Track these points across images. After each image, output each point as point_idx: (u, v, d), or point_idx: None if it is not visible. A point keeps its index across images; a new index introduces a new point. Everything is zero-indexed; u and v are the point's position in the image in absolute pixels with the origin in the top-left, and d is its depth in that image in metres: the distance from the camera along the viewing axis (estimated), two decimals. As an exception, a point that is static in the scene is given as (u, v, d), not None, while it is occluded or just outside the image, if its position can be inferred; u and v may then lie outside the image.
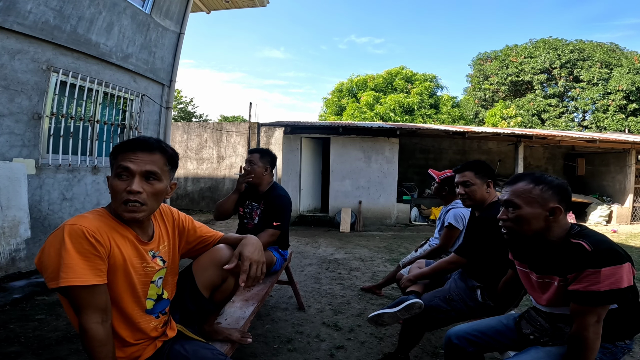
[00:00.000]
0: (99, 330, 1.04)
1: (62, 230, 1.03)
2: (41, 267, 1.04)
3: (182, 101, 21.13)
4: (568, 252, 1.31)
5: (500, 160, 10.41)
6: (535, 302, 1.53)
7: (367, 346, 2.54)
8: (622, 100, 16.95)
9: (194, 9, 6.83)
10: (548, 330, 1.43)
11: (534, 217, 1.37)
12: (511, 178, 1.49)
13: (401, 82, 19.29)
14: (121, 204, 1.13)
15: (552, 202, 1.36)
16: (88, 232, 1.05)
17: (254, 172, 2.64)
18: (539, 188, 1.38)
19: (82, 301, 1.03)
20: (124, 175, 1.13)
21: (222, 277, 1.37)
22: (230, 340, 1.52)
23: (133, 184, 1.12)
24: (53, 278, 1.00)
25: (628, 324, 1.38)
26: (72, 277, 1.00)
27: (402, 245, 6.31)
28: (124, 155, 1.15)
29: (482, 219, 2.04)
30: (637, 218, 9.33)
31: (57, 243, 1.02)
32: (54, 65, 4.02)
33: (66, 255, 1.00)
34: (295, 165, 8.65)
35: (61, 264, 1.00)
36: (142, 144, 1.17)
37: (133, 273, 1.15)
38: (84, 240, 1.04)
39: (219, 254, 1.37)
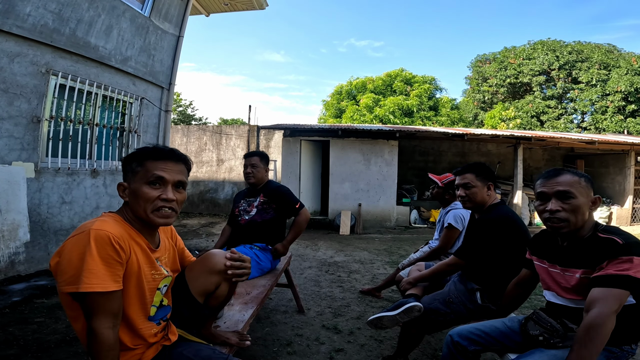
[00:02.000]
0: (109, 335, 1.04)
1: (87, 234, 1.03)
2: (58, 270, 1.03)
3: (182, 104, 21.16)
4: (598, 246, 1.35)
5: (499, 162, 10.41)
6: (551, 297, 1.53)
7: (367, 349, 2.53)
8: (620, 102, 16.99)
9: (193, 12, 6.85)
10: (559, 331, 1.43)
11: (584, 207, 1.42)
12: (547, 173, 1.51)
13: (400, 85, 19.32)
14: (153, 211, 1.18)
15: (592, 193, 1.44)
16: (113, 239, 1.06)
17: (258, 174, 2.77)
18: (583, 180, 1.44)
19: (98, 306, 1.03)
20: (157, 184, 1.18)
21: (215, 283, 1.37)
22: (228, 344, 1.51)
23: (168, 192, 1.19)
24: (71, 282, 1.00)
25: (637, 327, 1.38)
26: (94, 282, 1.01)
27: (401, 247, 6.30)
28: (155, 164, 1.19)
29: (482, 221, 2.03)
30: (637, 219, 9.33)
31: (81, 247, 1.02)
32: (53, 68, 4.02)
33: (91, 260, 1.01)
34: (295, 168, 8.65)
35: (83, 269, 1.00)
36: (171, 154, 1.23)
37: (144, 280, 1.17)
38: (109, 246, 1.05)
39: (212, 261, 1.37)
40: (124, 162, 1.23)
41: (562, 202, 1.41)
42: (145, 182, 1.17)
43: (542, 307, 1.59)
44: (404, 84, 19.44)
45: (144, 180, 1.17)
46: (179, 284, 1.38)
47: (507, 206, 2.12)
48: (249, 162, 2.78)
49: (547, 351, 1.43)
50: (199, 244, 6.17)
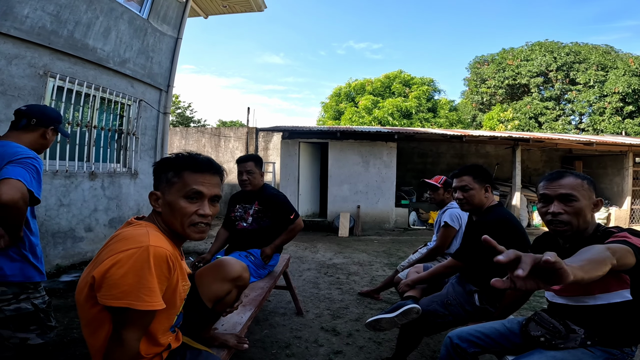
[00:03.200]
0: (136, 346, 1.04)
1: (146, 251, 1.01)
2: (105, 283, 0.99)
3: (180, 106, 21.15)
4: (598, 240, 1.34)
5: (498, 163, 10.43)
6: (552, 297, 1.53)
7: (366, 351, 2.53)
8: (618, 103, 17.04)
9: (191, 14, 6.85)
10: (562, 332, 1.43)
11: (586, 209, 1.42)
12: (550, 175, 1.51)
13: (399, 86, 19.36)
14: (190, 225, 1.15)
15: (594, 195, 1.45)
16: (170, 258, 1.06)
17: (255, 180, 2.69)
18: (585, 182, 1.44)
19: (137, 321, 1.02)
20: (194, 198, 1.15)
21: (227, 290, 1.38)
22: (226, 346, 1.51)
23: (205, 207, 1.15)
24: (121, 297, 0.97)
25: (637, 328, 1.38)
26: (155, 301, 1.00)
27: (400, 249, 6.30)
28: (194, 177, 1.15)
29: (480, 223, 2.04)
30: (635, 220, 9.35)
31: (139, 263, 1.00)
32: (50, 70, 4.01)
33: (150, 278, 1.00)
34: (294, 170, 8.64)
35: (142, 286, 0.98)
36: (209, 166, 1.19)
37: (178, 291, 1.16)
38: (165, 265, 1.05)
39: (226, 269, 1.38)
40: (158, 169, 1.19)
41: (565, 204, 1.42)
42: (182, 195, 1.14)
43: (544, 308, 1.59)
44: (403, 86, 19.48)
45: (181, 193, 1.14)
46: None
47: (505, 208, 2.12)
48: (244, 168, 2.68)
49: (547, 352, 1.43)
50: (197, 246, 6.15)
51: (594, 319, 1.38)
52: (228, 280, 1.37)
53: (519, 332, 1.60)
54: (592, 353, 1.37)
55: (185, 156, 1.19)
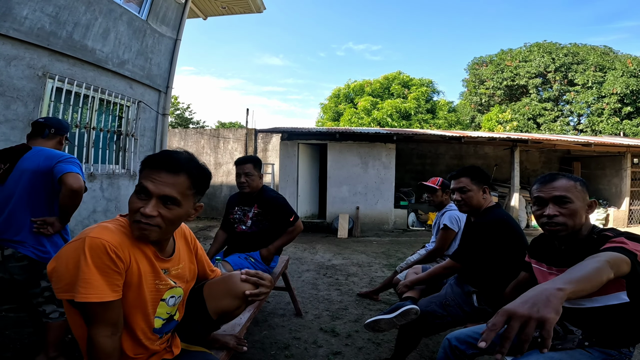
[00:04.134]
0: (107, 343, 1.02)
1: (83, 242, 1.00)
2: (54, 276, 1.01)
3: (179, 107, 21.14)
4: (593, 244, 1.36)
5: (496, 164, 10.45)
6: None
7: (365, 352, 2.53)
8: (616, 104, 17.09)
9: (190, 15, 6.86)
10: (559, 333, 1.43)
11: (581, 211, 1.43)
12: (543, 177, 1.52)
13: (398, 87, 19.40)
14: (133, 222, 1.09)
15: (588, 196, 1.46)
16: (110, 248, 1.01)
17: (253, 182, 2.65)
18: (578, 184, 1.46)
19: (96, 315, 1.01)
20: (142, 194, 1.08)
21: (236, 306, 1.34)
22: (226, 348, 1.51)
23: (148, 206, 1.07)
24: (67, 290, 0.98)
25: (634, 329, 1.38)
26: (91, 293, 0.97)
27: (399, 250, 6.30)
28: (147, 172, 1.09)
29: (478, 224, 2.04)
30: (633, 221, 9.37)
31: (76, 255, 0.99)
32: (49, 71, 4.01)
33: (86, 269, 0.97)
34: (293, 172, 8.65)
35: (79, 278, 0.97)
36: (168, 163, 1.10)
37: (146, 289, 1.12)
38: (104, 256, 1.00)
39: (237, 285, 1.33)
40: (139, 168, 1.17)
41: (560, 206, 1.42)
42: (135, 190, 1.10)
43: None
44: (402, 87, 19.52)
45: (136, 188, 1.11)
46: (194, 299, 1.34)
47: (503, 209, 2.13)
48: (242, 171, 2.63)
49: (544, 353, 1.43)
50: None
51: (591, 321, 1.38)
52: (238, 297, 1.32)
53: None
54: (590, 354, 1.37)
55: (155, 153, 1.16)
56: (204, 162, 1.22)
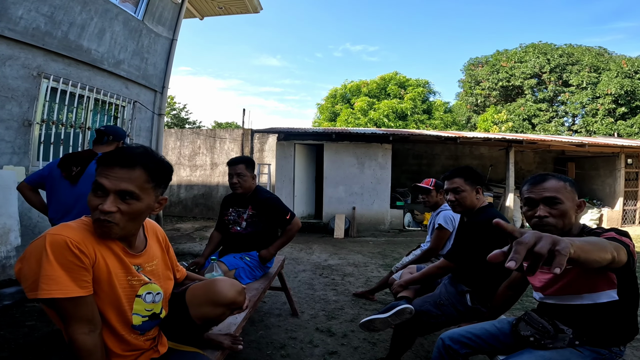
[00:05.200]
0: (85, 340, 1.01)
1: (43, 240, 0.99)
2: (21, 277, 1.00)
3: (176, 107, 21.08)
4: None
5: (492, 165, 10.50)
6: (541, 298, 1.55)
7: (360, 351, 2.54)
8: (610, 104, 17.22)
9: (187, 15, 6.85)
10: (550, 332, 1.44)
11: (571, 211, 1.44)
12: (532, 178, 1.53)
13: (394, 88, 19.46)
14: (95, 220, 1.07)
15: (577, 196, 1.47)
16: (71, 243, 1.00)
17: (245, 183, 2.63)
18: (568, 184, 1.46)
19: (68, 312, 1.00)
20: (99, 192, 1.07)
21: (219, 314, 1.34)
22: (221, 347, 1.51)
23: (106, 202, 1.05)
24: (32, 288, 0.96)
25: (625, 328, 1.40)
26: (53, 288, 0.96)
27: (395, 250, 6.32)
28: (101, 170, 1.08)
29: (472, 224, 2.06)
30: (627, 221, 9.45)
31: (38, 253, 0.98)
32: (44, 71, 4.00)
33: (48, 266, 0.96)
34: (289, 172, 8.65)
35: (41, 275, 0.96)
36: (120, 158, 1.08)
37: (117, 286, 1.10)
38: (66, 251, 0.99)
39: (220, 293, 1.33)
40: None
41: (550, 207, 1.44)
42: (92, 188, 1.08)
43: (534, 308, 1.60)
44: (398, 88, 19.58)
45: (92, 186, 1.08)
46: (177, 305, 1.33)
47: (495, 209, 2.14)
48: (234, 171, 2.61)
49: (536, 352, 1.44)
50: (192, 248, 6.14)
51: (582, 319, 1.40)
52: (221, 305, 1.32)
53: (509, 332, 1.62)
54: (581, 353, 1.39)
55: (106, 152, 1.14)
56: (162, 156, 1.23)
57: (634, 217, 9.52)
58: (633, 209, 9.51)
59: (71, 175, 2.24)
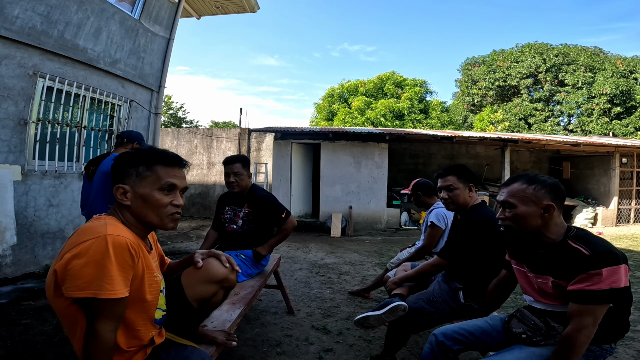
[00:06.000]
0: (111, 338, 1.05)
1: (104, 240, 1.02)
2: (68, 275, 1.00)
3: (172, 107, 21.02)
4: (567, 255, 1.37)
5: (487, 164, 10.56)
6: (531, 301, 1.57)
7: (356, 349, 2.56)
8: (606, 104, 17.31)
9: (184, 15, 6.85)
10: (542, 329, 1.46)
11: (530, 215, 1.44)
12: (507, 179, 1.56)
13: (392, 87, 19.48)
14: (167, 215, 1.21)
15: (546, 199, 1.43)
16: (130, 245, 1.07)
17: (242, 182, 2.66)
18: (532, 187, 1.45)
19: (106, 311, 1.03)
20: (168, 190, 1.21)
21: (213, 291, 1.40)
22: (215, 343, 1.53)
23: (178, 198, 1.23)
24: (85, 287, 0.99)
25: (616, 327, 1.42)
26: (117, 289, 1.01)
27: (392, 249, 6.35)
28: (166, 171, 1.21)
29: (465, 222, 2.08)
30: (622, 220, 9.51)
31: (99, 253, 1.01)
32: (40, 70, 4.00)
33: (111, 267, 1.01)
34: (286, 171, 8.67)
35: (104, 275, 1.00)
36: (179, 160, 1.26)
37: (147, 282, 1.17)
38: (126, 253, 1.05)
39: (212, 270, 1.39)
40: (124, 163, 1.20)
41: (506, 210, 1.48)
42: (157, 188, 1.18)
43: (526, 305, 1.62)
44: (395, 87, 19.60)
45: (155, 186, 1.18)
46: (174, 289, 1.37)
47: (489, 207, 2.16)
48: (230, 170, 2.64)
49: (527, 348, 1.46)
50: (189, 247, 6.14)
51: None
52: (214, 282, 1.38)
53: (501, 329, 1.63)
54: None
55: (155, 151, 1.23)
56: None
57: (629, 216, 9.58)
58: (628, 208, 9.58)
59: (89, 173, 2.72)
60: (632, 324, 2.89)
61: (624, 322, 1.43)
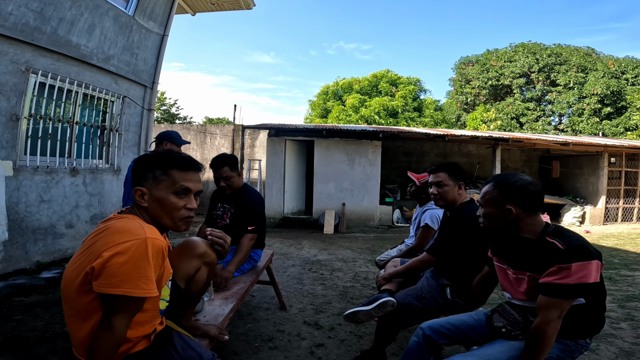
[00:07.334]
0: (124, 332, 1.10)
1: (144, 243, 1.08)
2: (104, 272, 1.04)
3: (166, 103, 20.88)
4: (543, 250, 1.42)
5: (479, 162, 10.67)
6: (510, 297, 1.62)
7: (347, 344, 2.61)
8: (596, 104, 17.55)
9: (178, 11, 6.81)
10: (521, 323, 1.51)
11: (494, 216, 1.54)
12: (487, 180, 1.65)
13: (386, 86, 19.54)
14: (181, 219, 1.25)
15: (507, 203, 1.50)
16: (165, 249, 1.16)
17: (233, 184, 2.64)
18: (496, 191, 1.53)
19: (129, 307, 1.09)
20: (183, 194, 1.25)
21: (195, 267, 1.46)
22: (208, 336, 1.56)
23: (192, 202, 1.27)
24: (117, 285, 1.04)
25: (591, 322, 1.47)
26: (152, 288, 1.09)
27: (384, 246, 6.41)
28: (182, 175, 1.25)
29: (453, 219, 2.13)
30: (609, 219, 9.68)
31: (138, 254, 1.07)
32: (33, 66, 3.98)
33: (149, 267, 1.08)
34: (280, 168, 8.69)
35: (141, 275, 1.06)
36: (194, 165, 1.30)
37: (164, 279, 1.24)
38: (160, 255, 1.14)
39: (192, 246, 1.47)
40: (142, 166, 1.25)
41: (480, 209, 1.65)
42: (172, 191, 1.23)
43: (508, 301, 1.66)
44: (390, 85, 19.67)
45: (170, 189, 1.23)
46: None
47: (477, 205, 2.21)
48: (220, 175, 2.60)
49: (507, 342, 1.51)
50: (182, 244, 6.15)
51: None
52: (195, 257, 1.45)
53: (485, 324, 1.68)
54: None
55: (171, 155, 1.27)
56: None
57: (617, 215, 9.76)
58: (615, 207, 9.74)
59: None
60: (615, 321, 3.01)
61: (599, 318, 1.49)
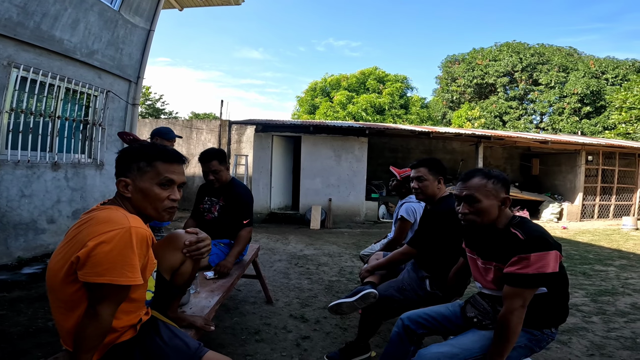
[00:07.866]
0: (110, 321, 1.11)
1: (128, 232, 1.11)
2: (89, 261, 1.06)
3: (151, 98, 20.55)
4: (506, 240, 1.50)
5: (462, 159, 10.88)
6: (480, 287, 1.70)
7: (332, 336, 2.67)
8: (576, 104, 18.01)
9: (166, 6, 6.74)
10: (490, 313, 1.59)
11: (491, 208, 1.56)
12: (463, 175, 1.65)
13: (374, 83, 19.64)
14: (164, 209, 1.29)
15: (502, 193, 1.57)
16: (149, 237, 1.18)
17: (222, 178, 2.69)
18: (491, 182, 1.57)
19: (113, 296, 1.10)
20: (167, 185, 1.28)
21: (180, 260, 1.48)
22: (194, 327, 1.60)
23: (176, 193, 1.30)
24: (101, 274, 1.06)
25: (555, 312, 1.55)
26: (136, 277, 1.11)
27: (369, 241, 6.49)
28: (166, 167, 1.28)
29: (433, 212, 2.22)
30: (586, 215, 9.99)
31: (122, 243, 1.09)
32: (15, 61, 3.91)
33: (133, 256, 1.10)
34: (266, 163, 8.70)
35: (125, 264, 1.09)
36: (178, 157, 1.34)
37: (149, 269, 1.25)
38: (144, 244, 1.16)
39: (176, 239, 1.49)
40: (126, 157, 1.27)
41: (469, 205, 1.58)
42: (156, 183, 1.26)
43: (480, 292, 1.74)
44: (377, 82, 19.77)
45: (154, 181, 1.25)
46: None
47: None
48: (208, 169, 2.65)
49: (479, 332, 1.59)
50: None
51: None
52: (179, 249, 1.46)
53: (460, 314, 1.76)
54: None
55: (155, 147, 1.30)
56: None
57: (593, 211, 10.08)
58: (592, 204, 10.07)
59: None
60: (587, 315, 3.15)
61: (562, 307, 1.57)
